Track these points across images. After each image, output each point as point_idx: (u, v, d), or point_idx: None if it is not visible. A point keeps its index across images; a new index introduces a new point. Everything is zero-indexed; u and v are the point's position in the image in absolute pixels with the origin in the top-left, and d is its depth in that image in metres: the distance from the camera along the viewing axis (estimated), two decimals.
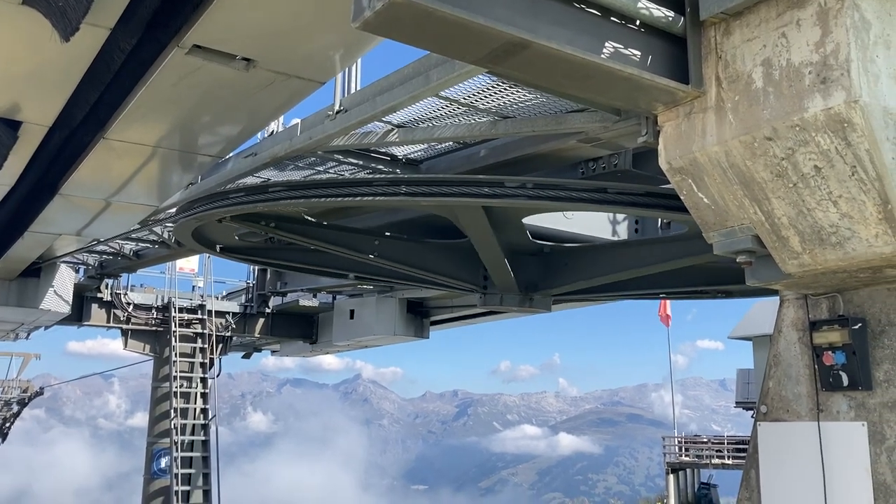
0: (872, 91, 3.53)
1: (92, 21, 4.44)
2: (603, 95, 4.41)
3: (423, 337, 18.49)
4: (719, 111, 4.01)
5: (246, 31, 4.66)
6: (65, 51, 4.64)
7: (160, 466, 20.00)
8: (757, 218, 4.22)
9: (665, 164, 4.36)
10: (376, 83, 6.78)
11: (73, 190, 8.00)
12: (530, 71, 3.88)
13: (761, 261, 4.53)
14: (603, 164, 7.67)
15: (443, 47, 3.82)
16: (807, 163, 3.80)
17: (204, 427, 20.04)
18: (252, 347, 25.35)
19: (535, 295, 9.04)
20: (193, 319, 20.58)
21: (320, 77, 5.38)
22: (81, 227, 10.11)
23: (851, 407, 4.67)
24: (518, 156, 7.62)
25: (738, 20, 3.94)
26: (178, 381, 19.80)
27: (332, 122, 7.25)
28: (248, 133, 6.68)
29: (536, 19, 3.50)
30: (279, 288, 18.56)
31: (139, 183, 7.89)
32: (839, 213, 3.90)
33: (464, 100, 6.67)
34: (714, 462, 35.59)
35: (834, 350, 4.71)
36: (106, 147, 6.60)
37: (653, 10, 3.84)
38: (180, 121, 6.21)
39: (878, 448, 4.50)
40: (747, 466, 5.30)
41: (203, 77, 5.17)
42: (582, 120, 6.35)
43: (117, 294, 19.77)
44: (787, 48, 3.72)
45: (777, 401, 5.09)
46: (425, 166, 8.82)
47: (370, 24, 3.25)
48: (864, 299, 4.72)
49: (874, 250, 3.92)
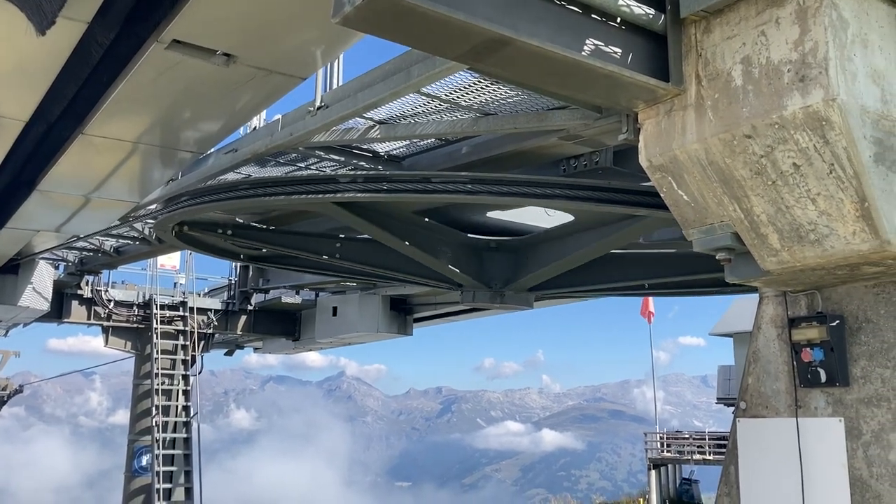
0: (850, 89, 3.55)
1: (68, 15, 4.39)
2: (584, 93, 4.41)
3: (407, 334, 18.49)
4: (699, 109, 4.03)
5: (226, 26, 4.63)
6: (41, 45, 4.57)
7: (141, 464, 19.86)
8: (736, 215, 4.24)
9: (645, 161, 4.37)
10: (357, 79, 6.76)
11: (52, 186, 7.92)
12: (511, 68, 3.87)
13: (741, 258, 4.55)
14: (584, 161, 7.69)
15: (423, 44, 3.81)
16: (785, 160, 3.83)
17: (186, 424, 19.92)
18: (234, 344, 25.21)
19: (506, 290, 9.04)
20: (175, 316, 20.45)
21: (301, 73, 5.35)
22: (60, 223, 10.01)
23: (829, 403, 4.71)
24: (500, 153, 7.63)
25: (718, 18, 3.95)
26: (160, 378, 19.66)
27: (313, 118, 7.22)
28: (229, 129, 6.64)
29: (517, 16, 3.49)
30: (261, 285, 18.46)
31: (119, 179, 7.82)
32: (817, 210, 3.93)
33: (445, 96, 6.67)
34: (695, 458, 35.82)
35: (812, 347, 4.74)
36: (85, 142, 6.53)
37: (633, 8, 3.84)
38: (160, 116, 6.16)
39: (855, 444, 4.54)
40: (727, 462, 5.34)
41: (183, 72, 5.13)
42: (563, 117, 6.36)
43: (98, 291, 19.60)
44: (766, 46, 3.74)
45: (756, 397, 5.13)
46: (407, 163, 8.80)
47: (350, 20, 3.23)
48: (842, 296, 4.76)
49: (852, 248, 3.95)
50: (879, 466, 4.41)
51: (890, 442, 4.39)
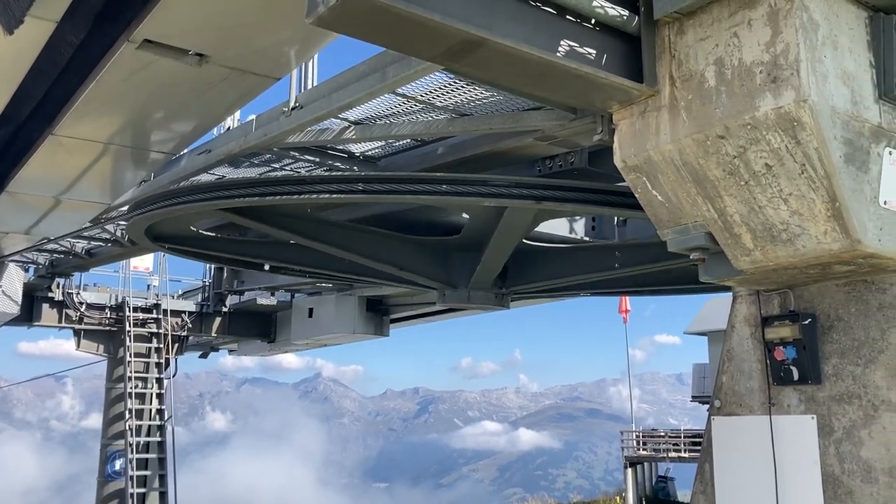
0: (821, 90, 3.59)
1: (37, 14, 4.32)
2: (558, 94, 4.43)
3: (383, 335, 18.42)
4: (673, 110, 4.05)
5: (198, 25, 4.57)
6: (9, 44, 4.51)
7: (115, 469, 19.61)
8: (710, 215, 4.27)
9: (620, 161, 4.39)
10: (332, 79, 6.72)
11: (21, 187, 7.79)
12: (486, 69, 3.87)
13: (714, 258, 4.59)
14: (560, 161, 7.72)
15: (398, 44, 3.80)
16: (758, 161, 3.86)
17: (160, 428, 19.69)
18: (209, 347, 25.00)
19: (499, 293, 9.08)
20: (148, 319, 20.20)
21: (275, 73, 5.31)
22: (30, 225, 9.85)
23: (802, 401, 4.76)
24: (475, 153, 7.63)
25: (692, 20, 3.98)
26: (133, 381, 19.41)
27: (287, 118, 7.18)
28: (202, 129, 6.57)
29: (492, 17, 3.49)
30: (236, 286, 18.31)
31: (90, 180, 7.71)
32: (789, 210, 3.97)
33: (421, 97, 6.66)
34: (671, 456, 36.07)
35: (785, 345, 4.79)
36: (54, 143, 6.43)
37: (608, 9, 3.85)
38: (132, 117, 6.08)
39: (827, 440, 4.59)
40: (702, 460, 5.38)
41: (154, 72, 5.06)
42: (539, 118, 6.37)
43: (69, 293, 19.31)
44: (738, 48, 3.77)
45: (730, 395, 5.17)
46: (383, 163, 8.78)
47: (324, 20, 3.21)
48: (814, 295, 4.81)
49: (823, 247, 3.99)
50: (851, 463, 4.47)
51: (861, 439, 4.45)
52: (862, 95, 3.81)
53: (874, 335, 4.49)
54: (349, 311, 17.47)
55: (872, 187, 3.91)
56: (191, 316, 20.64)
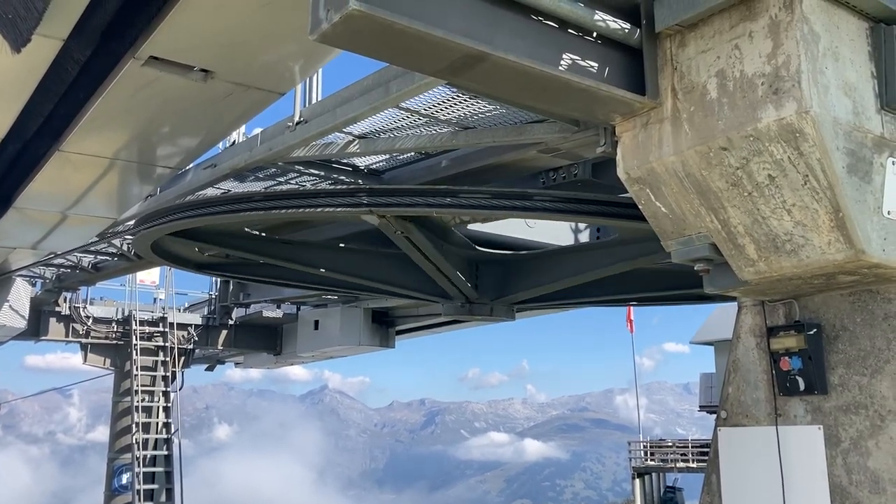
0: (822, 102, 3.60)
1: (44, 32, 4.36)
2: (561, 107, 4.45)
3: (389, 346, 18.38)
4: (675, 122, 4.07)
5: (203, 42, 4.61)
6: (17, 62, 4.55)
7: (121, 482, 19.59)
8: (713, 226, 4.28)
9: (623, 173, 4.40)
10: (336, 94, 6.76)
11: (28, 203, 7.84)
12: (489, 83, 3.89)
13: (718, 268, 4.59)
14: (563, 173, 7.74)
15: (401, 59, 3.82)
16: (761, 172, 3.87)
17: (166, 442, 19.68)
18: (215, 360, 24.99)
19: (495, 303, 9.05)
20: (155, 332, 20.23)
21: (280, 88, 5.35)
22: (37, 240, 9.90)
23: (808, 411, 4.74)
24: (479, 166, 7.65)
25: (693, 32, 3.99)
26: (140, 395, 19.41)
27: (292, 133, 7.21)
28: (208, 144, 6.62)
29: (494, 32, 3.51)
30: (242, 299, 18.33)
31: (97, 195, 7.76)
32: (793, 221, 3.97)
33: (424, 111, 6.69)
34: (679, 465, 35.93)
35: (790, 355, 4.78)
36: (61, 159, 6.48)
37: (609, 23, 3.88)
38: (138, 132, 6.12)
39: (834, 451, 4.58)
40: (708, 471, 5.36)
41: (160, 88, 5.10)
42: (541, 130, 6.39)
43: (76, 307, 19.35)
44: (740, 59, 3.79)
45: (736, 406, 5.16)
46: (387, 176, 8.81)
47: (328, 37, 3.24)
48: (819, 305, 4.81)
49: (827, 257, 4.00)
50: (859, 473, 4.45)
51: (868, 449, 4.43)
52: (864, 106, 3.82)
53: (880, 345, 4.48)
54: (355, 323, 17.46)
55: (876, 197, 3.92)
56: (197, 329, 20.67)
